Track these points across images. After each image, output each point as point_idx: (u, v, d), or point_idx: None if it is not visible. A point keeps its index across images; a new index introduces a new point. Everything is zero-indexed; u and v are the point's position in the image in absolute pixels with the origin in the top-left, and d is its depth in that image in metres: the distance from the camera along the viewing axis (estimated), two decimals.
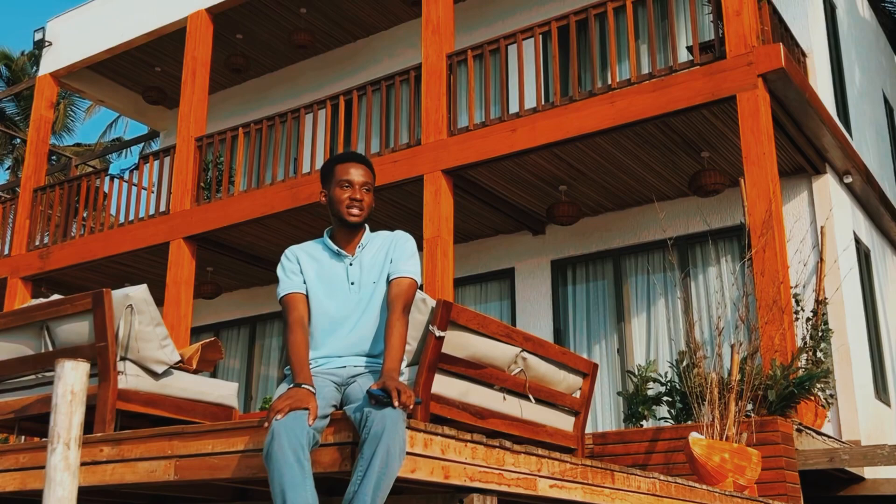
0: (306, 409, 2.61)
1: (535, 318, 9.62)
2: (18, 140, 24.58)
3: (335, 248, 3.18)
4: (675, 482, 4.20)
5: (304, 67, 12.42)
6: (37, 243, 11.70)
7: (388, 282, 3.13)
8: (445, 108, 8.55)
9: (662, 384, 6.66)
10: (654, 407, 6.70)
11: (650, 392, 6.86)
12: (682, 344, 7.95)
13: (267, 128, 9.90)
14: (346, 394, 2.90)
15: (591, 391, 5.12)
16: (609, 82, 7.77)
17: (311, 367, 3.00)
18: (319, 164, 9.32)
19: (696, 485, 4.39)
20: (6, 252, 12.07)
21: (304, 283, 3.15)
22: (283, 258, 3.23)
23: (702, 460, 5.05)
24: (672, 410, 6.49)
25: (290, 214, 9.26)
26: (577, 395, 5.07)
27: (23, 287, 11.36)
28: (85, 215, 11.47)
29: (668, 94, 7.29)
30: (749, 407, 5.75)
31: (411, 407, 2.64)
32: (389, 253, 3.18)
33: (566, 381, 4.90)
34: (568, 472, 3.49)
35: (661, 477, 4.11)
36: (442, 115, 8.52)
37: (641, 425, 6.68)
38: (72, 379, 2.08)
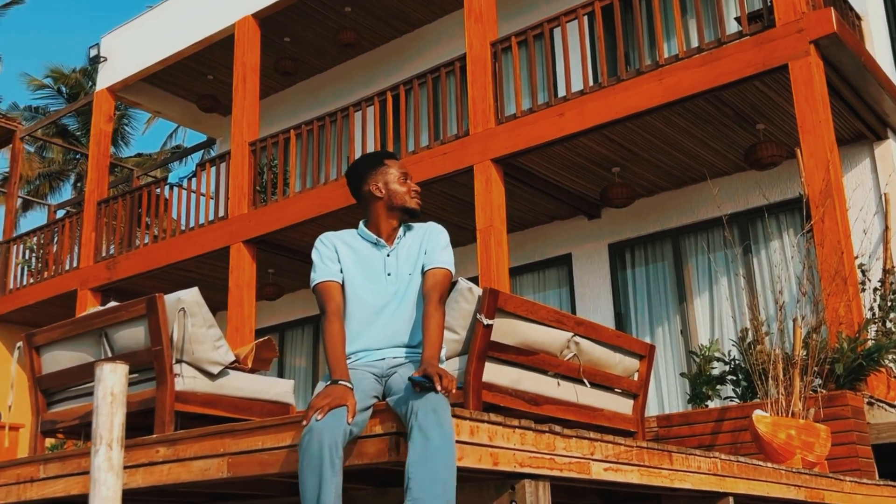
0: (344, 406, 2.62)
1: (595, 303, 9.53)
2: (80, 155, 25.27)
3: (374, 237, 3.18)
4: (738, 461, 4.11)
5: (351, 66, 12.50)
6: (103, 254, 12.02)
7: (423, 273, 3.11)
8: (492, 96, 8.50)
9: (726, 363, 6.53)
10: (718, 386, 6.57)
11: (714, 371, 6.73)
12: (744, 321, 7.79)
13: (318, 128, 9.99)
14: (387, 385, 2.90)
15: (649, 373, 5.05)
16: (657, 59, 7.63)
17: (349, 360, 3.01)
18: None
19: (762, 463, 4.29)
20: (75, 264, 12.44)
21: (341, 271, 3.12)
22: (318, 244, 3.19)
23: (767, 438, 4.94)
24: (737, 389, 6.36)
25: (344, 212, 9.33)
26: (635, 377, 5.00)
27: (92, 298, 11.69)
28: (148, 223, 11.74)
29: (718, 67, 7.14)
30: (816, 382, 5.60)
31: (454, 391, 2.64)
32: (423, 244, 3.17)
33: (622, 364, 4.84)
34: (623, 455, 3.44)
35: (723, 456, 4.02)
36: (489, 104, 8.48)
37: (706, 406, 6.57)
38: (111, 381, 2.12)
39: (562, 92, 8.64)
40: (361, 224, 3.24)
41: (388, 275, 3.10)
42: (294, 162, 10.14)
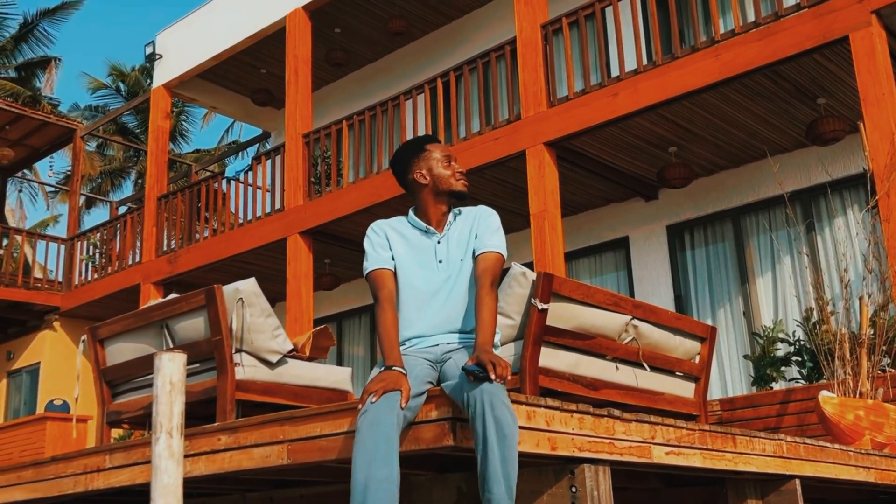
0: (398, 390, 2.63)
1: (654, 286, 9.40)
2: (140, 152, 25.80)
3: (424, 225, 3.16)
4: (804, 443, 4.02)
5: (401, 55, 12.50)
6: (164, 249, 12.26)
7: (475, 257, 3.09)
8: (543, 79, 8.43)
9: (790, 344, 6.40)
10: (782, 368, 6.45)
11: (778, 353, 6.61)
12: (808, 301, 7.62)
13: (370, 118, 10.02)
14: (442, 371, 2.90)
15: (711, 356, 4.97)
16: (712, 35, 7.48)
17: (403, 347, 3.01)
18: None
19: (829, 444, 4.19)
20: (137, 259, 12.71)
21: (393, 259, 3.12)
22: (369, 232, 3.19)
23: (834, 419, 4.82)
24: (802, 370, 6.23)
25: (397, 201, 9.35)
26: (696, 360, 4.92)
27: (154, 291, 11.93)
28: (207, 217, 11.93)
29: (776, 41, 6.96)
30: (885, 361, 5.45)
31: (508, 377, 2.63)
32: (474, 229, 3.15)
33: (683, 347, 4.77)
34: (685, 438, 3.38)
35: (788, 438, 3.94)
36: (540, 87, 8.41)
37: (771, 387, 6.44)
38: (169, 370, 2.15)
39: (615, 72, 8.51)
40: (411, 212, 3.23)
41: (440, 262, 3.09)
42: (347, 152, 10.19)
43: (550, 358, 3.98)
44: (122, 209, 16.93)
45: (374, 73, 12.83)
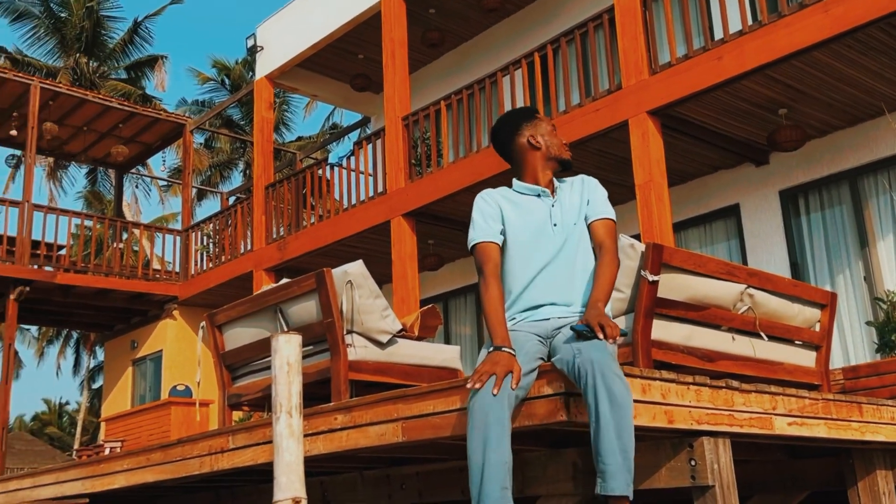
0: (509, 372, 2.62)
1: (768, 254, 9.10)
2: (246, 143, 26.51)
3: (538, 189, 3.13)
4: None
5: (497, 31, 12.42)
6: (274, 236, 12.60)
7: (588, 225, 3.10)
8: (644, 46, 8.23)
9: None
10: None
11: None
12: None
13: (467, 97, 10.01)
14: (552, 346, 2.87)
15: (832, 323, 4.78)
16: None
17: (513, 322, 2.99)
18: None
19: None
20: (249, 247, 13.11)
21: (503, 232, 3.08)
22: (479, 201, 3.14)
23: None
24: None
25: (497, 179, 9.31)
26: (816, 328, 4.74)
27: (266, 278, 12.29)
28: (313, 204, 12.19)
29: None
30: None
31: (618, 340, 2.63)
32: (585, 195, 3.14)
33: (802, 315, 4.60)
34: (808, 409, 3.27)
35: None
36: (641, 55, 8.21)
37: None
38: (286, 351, 2.21)
39: (718, 34, 8.23)
40: (515, 181, 3.21)
41: (555, 225, 3.06)
42: (446, 132, 10.21)
43: (663, 330, 3.90)
44: (232, 200, 17.47)
45: (469, 51, 12.80)
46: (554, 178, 3.20)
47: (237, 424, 3.92)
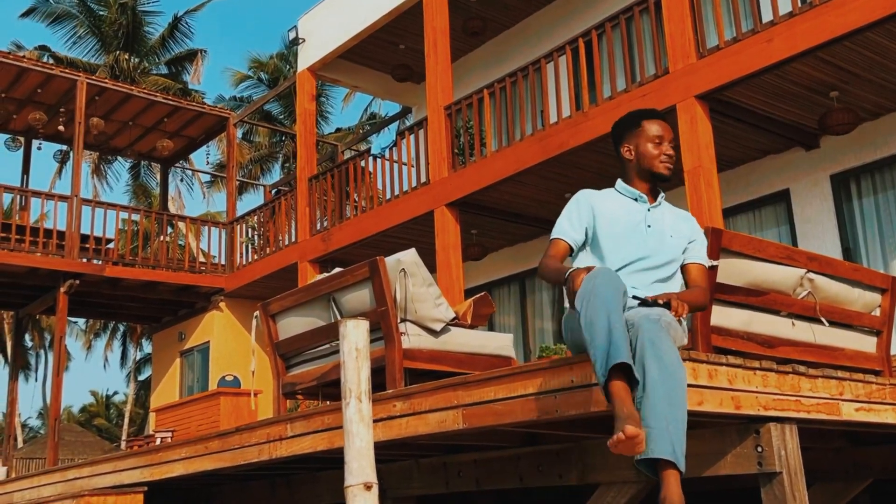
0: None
1: (820, 239, 8.94)
2: (285, 137, 26.68)
3: (636, 193, 3.25)
4: None
5: (539, 17, 12.34)
6: (318, 228, 12.67)
7: (686, 265, 3.22)
8: (691, 29, 8.11)
9: None
10: None
11: None
12: None
13: (510, 85, 9.95)
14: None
15: (893, 307, 4.67)
16: None
17: None
18: (565, 111, 9.23)
19: None
20: (293, 239, 13.20)
21: (585, 239, 3.18)
22: (573, 201, 3.26)
23: None
24: None
25: (541, 167, 9.27)
26: (877, 313, 4.65)
27: (311, 269, 12.37)
28: (356, 196, 12.23)
29: None
30: None
31: (683, 314, 2.69)
32: (688, 230, 3.26)
33: (862, 300, 4.50)
34: (875, 394, 3.21)
35: None
36: (688, 38, 8.10)
37: None
38: (354, 336, 2.20)
39: (768, 16, 8.08)
40: (619, 182, 3.32)
41: (648, 226, 3.15)
42: (489, 121, 10.17)
43: (722, 316, 3.84)
44: (274, 192, 17.60)
45: (511, 39, 12.73)
46: (661, 192, 3.31)
47: (295, 412, 3.94)
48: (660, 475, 2.46)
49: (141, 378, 33.97)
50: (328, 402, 5.79)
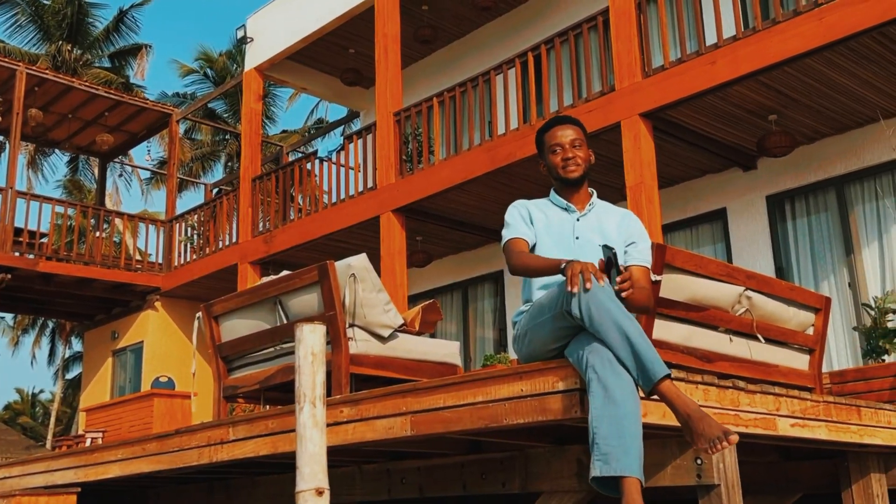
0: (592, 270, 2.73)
1: (754, 258, 9.18)
2: (229, 135, 26.36)
3: (564, 203, 3.31)
4: None
5: (490, 29, 12.44)
6: (260, 229, 12.54)
7: (628, 267, 3.18)
8: (638, 49, 8.27)
9: None
10: (895, 339, 6.23)
11: (890, 324, 6.39)
12: None
13: (460, 94, 10.02)
14: None
15: (825, 327, 4.83)
16: None
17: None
18: (514, 123, 9.32)
19: None
20: (234, 240, 13.04)
21: (534, 236, 3.24)
22: (512, 208, 3.34)
23: None
24: None
25: (489, 177, 9.35)
26: (810, 332, 4.80)
27: (252, 271, 12.24)
28: (301, 199, 12.15)
29: (884, 1, 6.67)
30: None
31: (629, 291, 2.76)
32: (625, 230, 3.29)
33: (797, 319, 4.65)
34: (810, 410, 3.32)
35: None
36: (635, 57, 8.26)
37: (883, 360, 6.24)
38: (311, 341, 2.21)
39: (712, 39, 8.30)
40: (553, 191, 3.39)
41: (576, 238, 3.17)
42: (438, 129, 10.22)
43: (664, 330, 3.93)
44: (215, 192, 17.37)
45: (462, 49, 12.81)
46: (593, 196, 3.36)
47: (238, 416, 3.90)
48: (621, 484, 2.53)
49: (69, 376, 33.12)
50: (268, 407, 5.76)
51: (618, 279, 2.74)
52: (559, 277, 3.01)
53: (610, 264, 2.75)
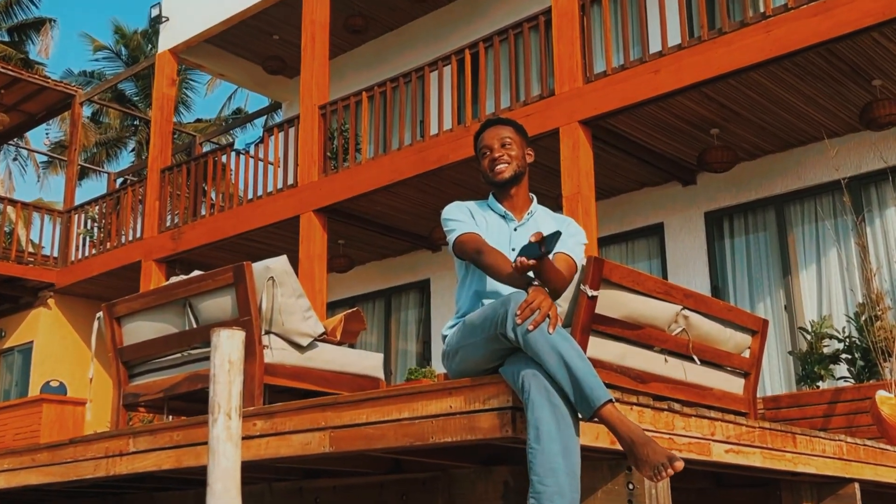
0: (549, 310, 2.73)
1: (689, 275, 9.40)
2: (139, 121, 25.81)
3: (503, 210, 3.30)
4: (865, 445, 4.04)
5: (426, 22, 12.46)
6: (168, 224, 12.29)
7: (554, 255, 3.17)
8: (580, 53, 8.40)
9: (840, 340, 6.40)
10: (831, 366, 6.45)
11: (826, 350, 6.61)
12: (860, 296, 7.61)
13: (391, 90, 10.00)
14: None
15: (762, 350, 4.97)
16: (762, 10, 7.43)
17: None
18: (447, 124, 9.36)
19: (890, 447, 4.21)
20: (138, 235, 12.75)
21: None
22: (452, 207, 3.32)
23: (891, 421, 4.83)
24: (852, 368, 6.23)
25: (419, 180, 9.35)
26: (746, 354, 4.93)
27: (157, 269, 11.98)
28: (214, 193, 11.96)
29: (832, 17, 6.92)
30: None
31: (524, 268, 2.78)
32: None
33: (733, 340, 4.77)
34: (745, 436, 3.40)
35: (849, 439, 3.96)
36: (576, 62, 8.38)
37: (818, 386, 6.45)
38: (228, 348, 2.17)
39: (656, 47, 8.47)
40: (491, 195, 3.38)
41: (513, 249, 3.16)
42: (366, 126, 10.18)
43: (598, 348, 3.98)
44: (120, 181, 16.97)
45: (395, 42, 12.80)
46: (533, 203, 3.36)
47: (140, 426, 3.82)
48: None
49: None
50: (171, 418, 5.64)
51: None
52: (496, 289, 3.03)
53: (543, 244, 2.75)
